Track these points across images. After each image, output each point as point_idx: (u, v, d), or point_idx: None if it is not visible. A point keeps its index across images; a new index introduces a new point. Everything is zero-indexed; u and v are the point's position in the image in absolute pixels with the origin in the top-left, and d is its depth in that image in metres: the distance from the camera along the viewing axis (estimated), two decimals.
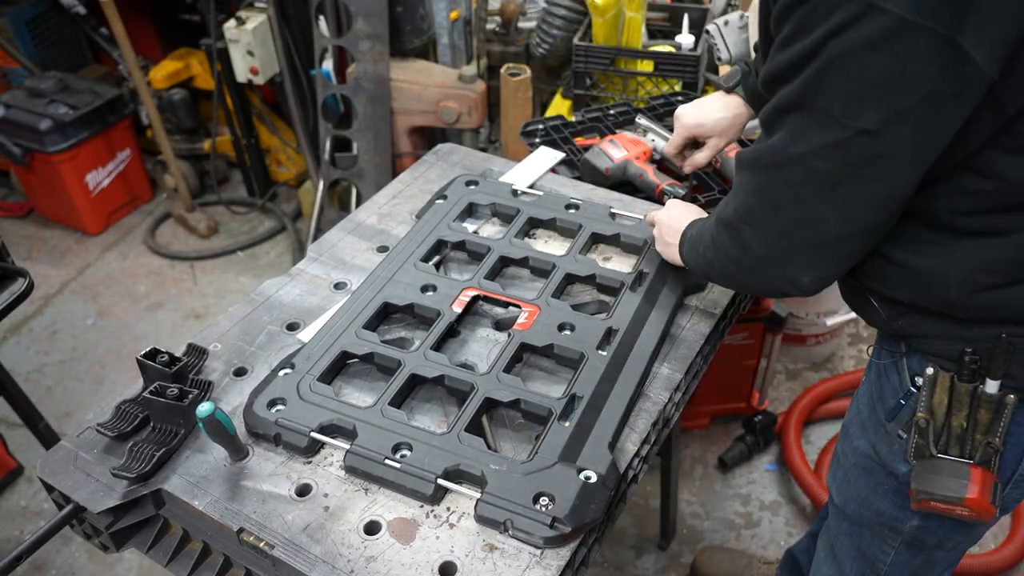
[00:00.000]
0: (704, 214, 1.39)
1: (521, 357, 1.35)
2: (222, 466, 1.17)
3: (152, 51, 3.83)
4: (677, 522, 2.33)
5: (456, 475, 1.13)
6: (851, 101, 0.90)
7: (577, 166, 1.86)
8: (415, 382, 1.29)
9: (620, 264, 1.55)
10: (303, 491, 1.14)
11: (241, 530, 1.08)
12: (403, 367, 1.28)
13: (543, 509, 1.07)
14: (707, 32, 2.68)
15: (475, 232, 1.62)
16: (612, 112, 2.07)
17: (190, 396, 1.18)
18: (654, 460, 1.42)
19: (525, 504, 1.07)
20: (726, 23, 2.20)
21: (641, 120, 1.87)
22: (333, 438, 1.19)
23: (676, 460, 2.10)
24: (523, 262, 1.52)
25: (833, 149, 0.94)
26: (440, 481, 1.11)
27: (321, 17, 2.86)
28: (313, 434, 1.18)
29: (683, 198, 1.75)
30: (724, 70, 2.90)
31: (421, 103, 2.90)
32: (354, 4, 2.71)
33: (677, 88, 2.48)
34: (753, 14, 2.13)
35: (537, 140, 2.00)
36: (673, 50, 2.59)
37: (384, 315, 1.44)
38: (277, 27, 3.02)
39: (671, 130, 1.87)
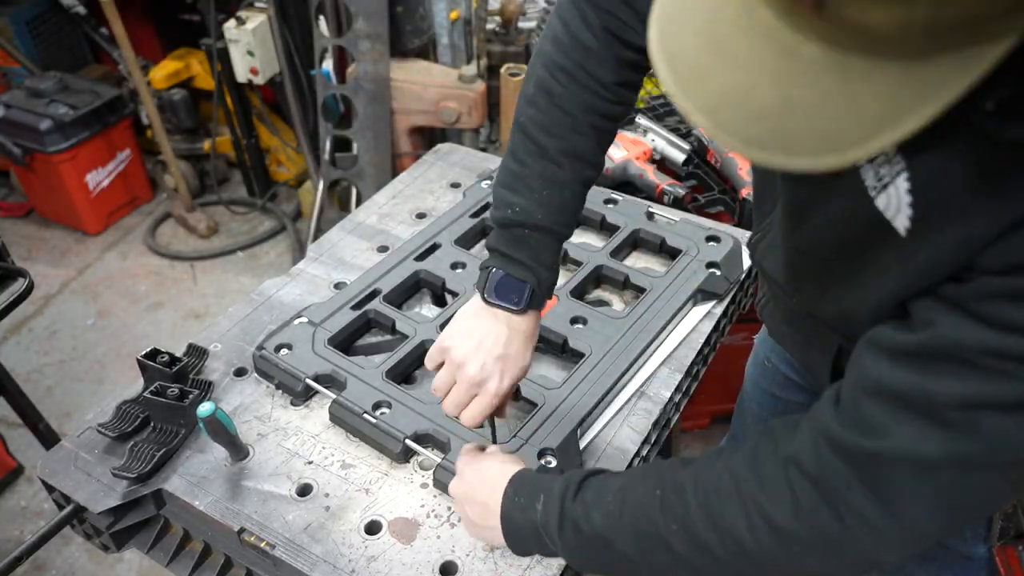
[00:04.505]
0: (512, 466, 1.01)
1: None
2: (223, 466, 1.17)
3: (152, 51, 3.82)
4: None
5: (425, 439, 1.16)
6: None
7: None
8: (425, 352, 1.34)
9: (651, 262, 1.54)
10: (304, 491, 1.14)
11: (242, 530, 1.09)
12: (413, 337, 1.33)
13: None
14: None
15: None
16: None
17: (190, 396, 1.19)
18: (654, 460, 1.41)
19: None
20: None
21: (641, 120, 1.87)
22: (327, 388, 1.24)
23: None
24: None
25: None
26: (408, 442, 1.15)
27: (321, 17, 2.86)
28: (308, 380, 1.24)
29: (682, 198, 1.75)
30: None
31: (421, 103, 2.90)
32: (354, 4, 2.71)
33: None
34: None
35: None
36: None
37: (416, 287, 1.49)
38: (277, 27, 3.02)
39: (671, 130, 1.87)
